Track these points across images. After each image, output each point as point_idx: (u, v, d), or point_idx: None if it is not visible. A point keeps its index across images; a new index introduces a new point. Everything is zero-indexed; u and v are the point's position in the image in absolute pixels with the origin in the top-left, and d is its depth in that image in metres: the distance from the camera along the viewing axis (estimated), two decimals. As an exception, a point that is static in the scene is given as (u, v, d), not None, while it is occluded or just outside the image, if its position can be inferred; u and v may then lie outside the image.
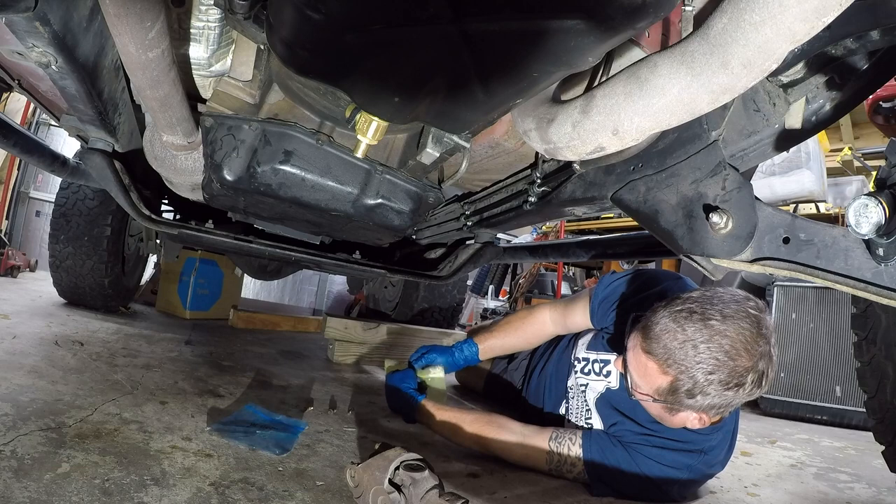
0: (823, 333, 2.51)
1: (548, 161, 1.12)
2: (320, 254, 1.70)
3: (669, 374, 0.94)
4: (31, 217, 6.27)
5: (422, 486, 0.79)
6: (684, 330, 0.91)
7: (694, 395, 0.93)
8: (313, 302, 7.02)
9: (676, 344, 0.91)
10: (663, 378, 0.95)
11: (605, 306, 1.32)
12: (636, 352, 0.99)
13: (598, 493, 1.11)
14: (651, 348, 0.95)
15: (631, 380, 1.04)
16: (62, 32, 0.72)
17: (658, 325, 0.94)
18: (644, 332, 0.97)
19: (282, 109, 1.09)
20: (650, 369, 0.96)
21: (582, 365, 1.35)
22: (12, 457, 0.80)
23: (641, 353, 0.97)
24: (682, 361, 0.91)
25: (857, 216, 0.63)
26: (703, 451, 1.09)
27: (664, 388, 0.96)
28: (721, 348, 0.89)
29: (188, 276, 2.93)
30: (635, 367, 1.01)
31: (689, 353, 0.90)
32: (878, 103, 3.90)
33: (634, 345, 1.00)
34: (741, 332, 0.90)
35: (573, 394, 1.36)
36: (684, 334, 0.91)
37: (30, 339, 1.62)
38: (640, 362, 0.98)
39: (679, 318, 0.92)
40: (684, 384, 0.93)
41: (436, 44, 0.63)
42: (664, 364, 0.94)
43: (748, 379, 0.90)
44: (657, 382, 0.96)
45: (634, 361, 1.00)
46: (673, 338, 0.92)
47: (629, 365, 1.03)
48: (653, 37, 0.73)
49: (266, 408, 1.29)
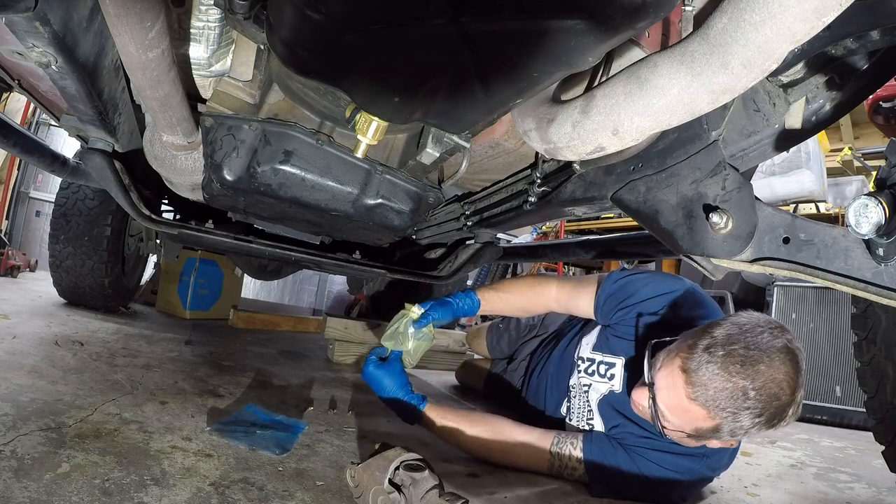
0: (823, 333, 2.51)
1: (548, 161, 1.12)
2: (320, 254, 1.70)
3: (716, 420, 0.91)
4: (31, 217, 6.27)
5: (422, 486, 0.79)
6: (732, 378, 0.88)
7: (736, 434, 0.92)
8: (313, 302, 7.02)
9: (726, 394, 0.88)
10: (708, 422, 0.92)
11: (612, 303, 1.29)
12: (675, 394, 0.94)
13: (598, 494, 1.11)
14: (697, 396, 0.91)
15: (662, 417, 0.98)
16: (62, 32, 0.72)
17: (704, 373, 0.90)
18: (688, 377, 0.92)
19: (282, 109, 1.09)
20: (694, 414, 0.93)
21: (586, 365, 1.34)
22: (12, 457, 0.80)
23: (685, 398, 0.92)
24: (731, 409, 0.89)
25: (857, 216, 0.63)
26: (705, 455, 1.08)
27: (706, 429, 0.93)
28: (770, 392, 0.87)
29: (188, 276, 2.93)
30: (674, 410, 0.96)
31: (738, 401, 0.88)
32: (878, 103, 3.90)
33: (672, 385, 0.95)
34: (788, 372, 0.88)
35: (575, 393, 1.36)
36: (733, 383, 0.88)
37: (30, 339, 1.62)
38: (682, 407, 0.94)
39: (728, 364, 0.88)
40: (729, 427, 0.91)
41: (436, 44, 0.63)
42: (713, 411, 0.90)
43: (789, 412, 0.90)
44: (699, 425, 0.93)
45: (673, 404, 0.95)
46: (722, 387, 0.88)
47: (663, 405, 0.97)
48: (653, 37, 0.73)
49: (266, 408, 1.29)
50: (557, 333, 1.70)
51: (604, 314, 1.31)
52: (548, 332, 1.77)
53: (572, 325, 1.63)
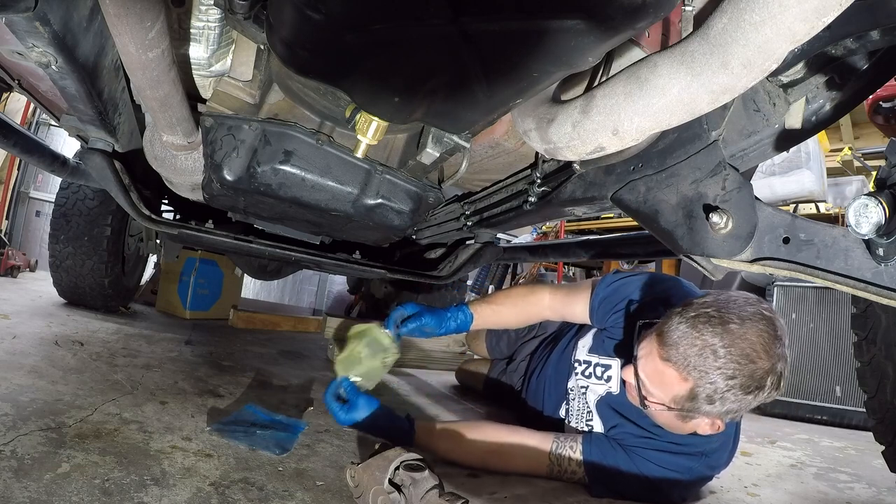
0: (823, 333, 2.51)
1: (548, 161, 1.12)
2: (320, 254, 1.70)
3: (689, 381, 0.91)
4: (31, 217, 6.26)
5: (422, 486, 0.79)
6: (702, 335, 0.89)
7: (713, 401, 0.91)
8: (313, 302, 7.02)
9: (696, 350, 0.89)
10: (682, 385, 0.93)
11: (606, 307, 1.29)
12: (651, 359, 0.96)
13: (598, 494, 1.11)
14: (669, 355, 0.92)
15: (644, 389, 1.00)
16: (62, 32, 0.71)
17: (675, 332, 0.92)
18: (661, 339, 0.94)
19: (282, 109, 1.09)
20: (668, 377, 0.94)
21: (583, 368, 1.34)
22: (12, 457, 0.80)
23: (659, 360, 0.94)
24: (702, 367, 0.89)
25: (857, 216, 0.63)
26: (704, 454, 1.08)
27: (682, 396, 0.93)
28: (742, 352, 0.87)
29: (188, 276, 2.93)
30: (651, 376, 0.97)
31: (708, 359, 0.88)
32: (878, 103, 3.90)
33: (649, 352, 0.97)
34: (760, 334, 0.88)
35: (574, 395, 1.36)
36: (703, 340, 0.89)
37: (30, 339, 1.62)
38: (657, 370, 0.95)
39: (697, 323, 0.90)
40: (704, 390, 0.91)
41: (435, 44, 0.63)
42: (684, 371, 0.91)
43: (767, 382, 0.89)
44: (675, 390, 0.94)
45: (650, 369, 0.97)
46: (692, 344, 0.90)
47: (643, 373, 0.99)
48: (653, 37, 0.73)
49: (266, 408, 1.29)
50: (556, 335, 1.70)
51: (599, 318, 1.32)
52: (546, 332, 1.77)
53: (570, 327, 1.62)
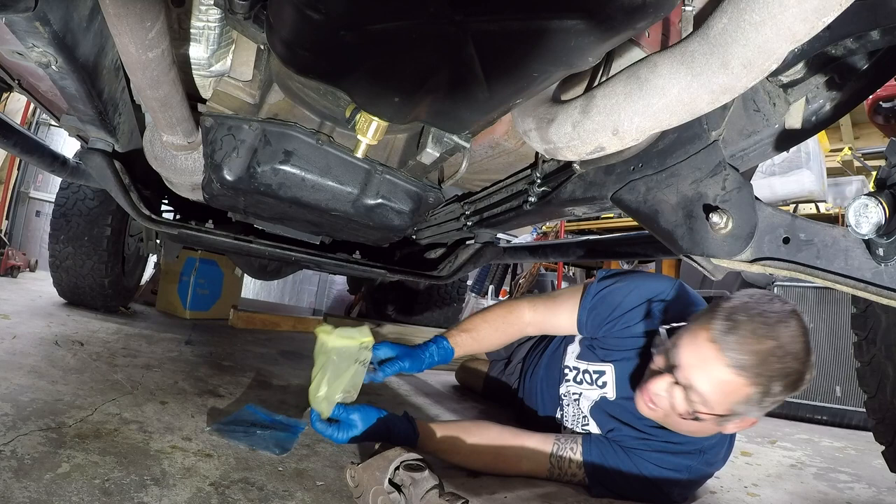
0: (823, 333, 2.51)
1: (548, 161, 1.12)
2: (320, 254, 1.70)
3: (753, 387, 0.91)
4: (31, 217, 6.27)
5: (422, 486, 0.79)
6: (762, 340, 0.89)
7: (765, 403, 0.92)
8: (313, 302, 7.02)
9: (759, 357, 0.89)
10: (745, 391, 0.91)
11: (597, 319, 1.24)
12: (711, 367, 0.92)
13: (598, 495, 1.11)
14: (738, 362, 0.90)
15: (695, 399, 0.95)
16: (62, 32, 0.71)
17: (734, 339, 0.91)
18: (718, 346, 0.91)
19: (282, 109, 1.09)
20: (733, 385, 0.91)
21: (573, 374, 1.32)
22: (12, 457, 0.80)
23: (724, 368, 0.91)
24: (766, 373, 0.89)
25: (857, 216, 0.63)
26: (702, 451, 1.08)
27: (739, 401, 0.93)
28: (794, 354, 0.89)
29: (188, 276, 2.93)
30: (714, 385, 0.93)
31: (772, 363, 0.89)
32: (878, 103, 3.91)
33: (704, 360, 0.93)
34: (801, 334, 0.90)
35: (567, 401, 1.34)
36: (764, 344, 0.89)
37: (30, 339, 1.62)
38: (722, 379, 0.92)
39: (752, 327, 0.90)
40: (763, 394, 0.91)
41: (435, 44, 0.63)
42: (752, 377, 0.90)
43: (806, 379, 0.92)
44: (737, 397, 0.92)
45: (710, 378, 0.93)
46: (756, 350, 0.89)
47: (699, 383, 0.94)
48: (653, 37, 0.73)
49: (266, 408, 1.29)
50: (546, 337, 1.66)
51: (590, 329, 1.26)
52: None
53: None
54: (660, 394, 1.00)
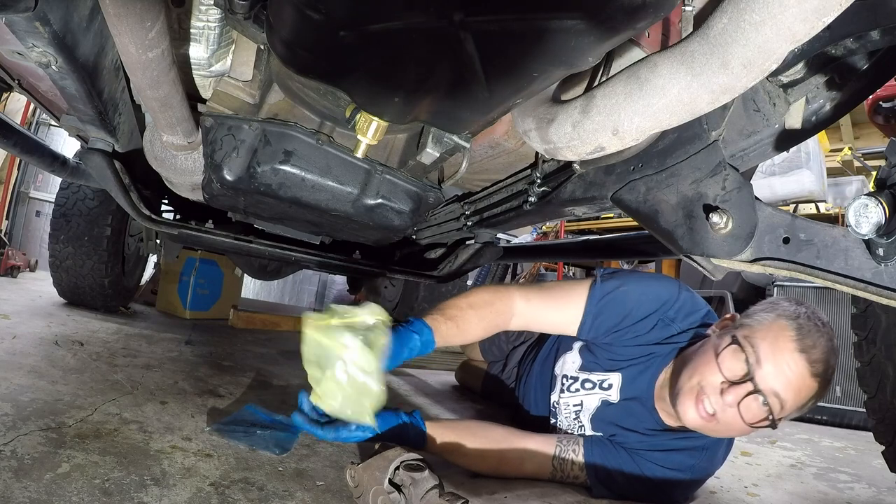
0: (823, 333, 2.51)
1: (548, 161, 1.12)
2: (320, 254, 1.70)
3: (816, 389, 0.97)
4: (31, 217, 6.27)
5: (422, 486, 0.79)
6: (826, 344, 0.97)
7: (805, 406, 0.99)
8: (313, 302, 7.03)
9: (830, 360, 0.97)
10: (815, 395, 0.98)
11: (603, 325, 1.18)
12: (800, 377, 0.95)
13: (599, 495, 1.11)
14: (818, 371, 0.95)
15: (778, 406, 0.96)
16: (62, 32, 0.71)
17: (812, 342, 0.96)
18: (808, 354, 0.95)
19: (282, 109, 1.09)
20: (810, 390, 0.97)
21: (570, 383, 1.29)
22: (12, 457, 0.80)
23: (810, 378, 0.95)
24: (829, 373, 0.97)
25: (857, 216, 0.63)
26: (704, 448, 1.09)
27: (806, 403, 0.99)
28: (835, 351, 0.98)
29: (188, 276, 2.93)
30: (798, 391, 0.96)
31: (832, 363, 0.97)
32: (878, 103, 3.91)
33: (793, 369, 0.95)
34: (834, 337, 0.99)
35: (559, 410, 1.32)
36: (827, 348, 0.96)
37: (30, 339, 1.62)
38: (806, 385, 0.96)
39: (823, 331, 0.98)
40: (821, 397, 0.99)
41: (435, 44, 0.63)
42: (824, 383, 0.97)
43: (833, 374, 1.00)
44: (805, 401, 0.98)
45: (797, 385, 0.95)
46: (827, 354, 0.96)
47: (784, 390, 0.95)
48: (653, 37, 0.73)
49: (266, 408, 1.29)
50: (539, 340, 1.64)
51: (592, 335, 1.21)
52: (532, 337, 1.73)
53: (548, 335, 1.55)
54: (732, 405, 0.96)
